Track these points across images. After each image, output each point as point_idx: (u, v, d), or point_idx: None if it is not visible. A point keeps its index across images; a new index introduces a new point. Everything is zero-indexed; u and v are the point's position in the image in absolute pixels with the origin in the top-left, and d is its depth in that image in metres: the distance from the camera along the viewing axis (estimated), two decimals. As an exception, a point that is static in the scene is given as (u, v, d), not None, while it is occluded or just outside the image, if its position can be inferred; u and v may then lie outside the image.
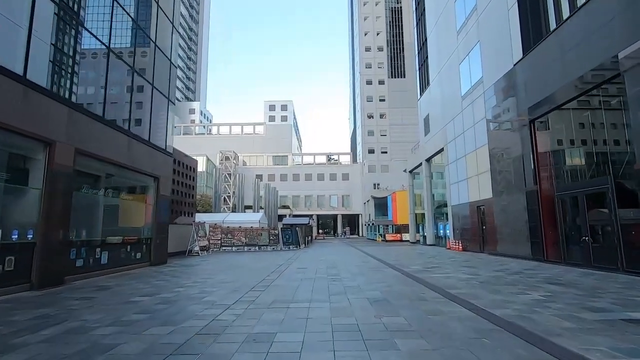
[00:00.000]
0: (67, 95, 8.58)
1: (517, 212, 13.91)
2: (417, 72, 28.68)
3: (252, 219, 24.82)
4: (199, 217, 24.25)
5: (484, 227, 17.09)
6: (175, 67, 14.98)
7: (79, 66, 9.28)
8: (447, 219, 23.74)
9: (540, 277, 8.67)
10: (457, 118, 20.01)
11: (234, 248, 22.18)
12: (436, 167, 25.61)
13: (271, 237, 23.40)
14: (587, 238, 10.32)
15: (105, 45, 10.24)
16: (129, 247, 11.41)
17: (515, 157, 13.96)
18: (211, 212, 32.29)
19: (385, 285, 7.72)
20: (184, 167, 18.86)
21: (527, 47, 13.30)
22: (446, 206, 25.00)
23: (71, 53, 8.96)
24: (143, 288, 7.75)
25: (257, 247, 22.68)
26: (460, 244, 19.30)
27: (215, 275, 9.96)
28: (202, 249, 18.62)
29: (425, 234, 27.16)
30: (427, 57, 25.86)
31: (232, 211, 46.77)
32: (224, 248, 21.90)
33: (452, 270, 10.28)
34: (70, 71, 8.89)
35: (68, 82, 8.78)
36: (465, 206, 19.09)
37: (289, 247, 23.98)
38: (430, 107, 25.32)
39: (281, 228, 24.14)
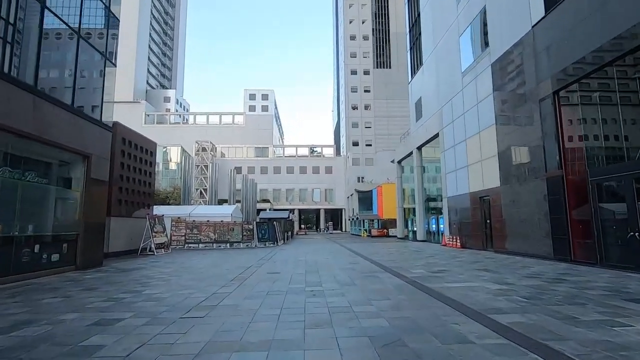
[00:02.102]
0: None
1: (533, 203, 11.67)
2: (408, 52, 26.29)
3: (224, 212, 21.90)
4: (161, 209, 21.13)
5: (489, 221, 14.87)
6: (117, 19, 11.87)
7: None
8: (439, 213, 21.57)
9: (596, 287, 6.33)
10: (457, 98, 17.68)
11: (200, 245, 19.25)
12: (427, 157, 23.36)
13: (245, 233, 20.58)
14: (637, 234, 8.10)
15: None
16: (37, 246, 8.42)
17: (533, 137, 11.69)
18: (180, 205, 29.06)
19: (390, 306, 5.16)
20: (138, 149, 15.76)
21: (550, 4, 10.96)
22: (437, 199, 22.89)
23: None
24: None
25: (227, 244, 19.82)
26: (458, 240, 17.08)
27: (148, 286, 7.16)
28: (159, 246, 15.64)
29: (415, 229, 24.99)
30: (419, 34, 23.46)
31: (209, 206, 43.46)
32: (190, 245, 18.96)
33: (468, 277, 7.85)
34: None
35: None
36: (464, 197, 16.85)
37: (265, 244, 21.24)
38: (423, 89, 22.98)
39: (256, 223, 21.36)
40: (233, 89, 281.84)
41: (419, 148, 23.68)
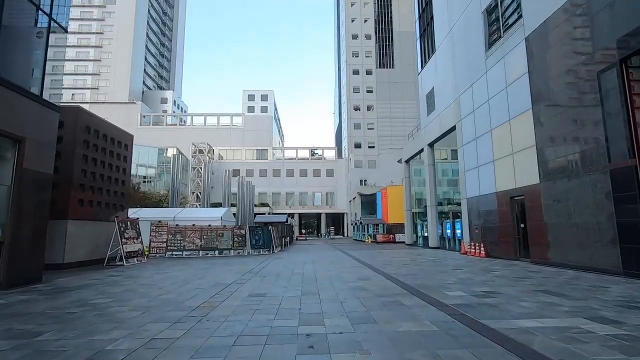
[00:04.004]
0: None
1: (590, 202, 9.26)
2: (418, 41, 24.02)
3: (213, 215, 19.51)
4: (143, 212, 18.76)
5: (522, 226, 12.45)
6: (71, -26, 9.61)
7: None
8: (454, 216, 19.17)
9: None
10: (479, 84, 15.35)
11: (185, 253, 16.84)
12: (437, 156, 21.03)
13: (236, 239, 18.15)
14: None
15: None
16: None
17: (589, 120, 9.32)
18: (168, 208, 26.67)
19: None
20: (108, 141, 13.43)
21: (612, -50, 8.65)
22: (451, 202, 20.49)
23: None
24: None
25: (216, 252, 17.40)
26: (481, 248, 14.64)
27: (63, 321, 4.78)
28: (131, 255, 13.24)
29: (426, 234, 22.54)
30: (431, 18, 21.21)
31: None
32: (174, 253, 16.55)
33: (536, 305, 5.43)
34: None
35: None
36: (489, 198, 14.44)
37: (259, 251, 18.82)
38: (436, 78, 20.66)
39: (249, 227, 18.95)
40: (232, 94, 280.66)
41: (431, 145, 21.32)
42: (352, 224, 51.17)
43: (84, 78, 67.40)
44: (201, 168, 54.64)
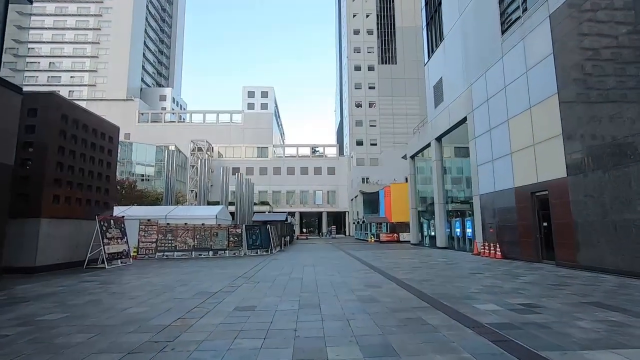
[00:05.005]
0: None
1: (635, 198, 8.05)
2: (424, 29, 22.76)
3: (207, 213, 18.33)
4: (133, 210, 17.61)
5: (546, 224, 11.25)
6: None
7: None
8: (463, 215, 18.00)
9: None
10: (493, 70, 14.13)
11: (176, 254, 15.69)
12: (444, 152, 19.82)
13: (231, 238, 16.99)
14: None
15: None
16: None
17: (630, 100, 8.10)
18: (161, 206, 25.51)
19: None
20: (89, 132, 12.25)
21: None
22: (456, 201, 19.32)
23: None
24: None
25: (209, 252, 16.24)
26: (497, 249, 13.45)
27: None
28: (114, 257, 12.08)
29: (433, 233, 21.34)
30: (439, 3, 19.95)
31: (200, 207, 39.85)
32: (165, 254, 15.40)
33: (603, 327, 4.23)
34: None
35: None
36: (506, 194, 13.23)
37: (257, 252, 17.65)
38: (445, 68, 19.43)
39: (246, 226, 17.77)
40: (232, 92, 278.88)
41: (439, 139, 20.10)
42: (354, 223, 50.00)
43: (81, 75, 66.27)
44: (199, 165, 53.55)
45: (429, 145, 21.34)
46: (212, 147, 60.88)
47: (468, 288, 6.94)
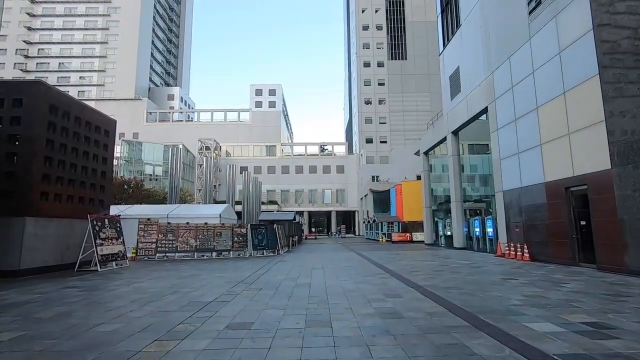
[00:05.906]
0: None
1: (700, 191, 6.81)
2: (439, 17, 21.51)
3: (211, 212, 17.43)
4: (134, 209, 16.82)
5: (584, 223, 10.01)
6: None
7: None
8: (482, 213, 16.78)
9: None
10: (519, 54, 12.88)
11: (177, 255, 14.82)
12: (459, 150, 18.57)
13: (236, 239, 16.06)
14: None
15: None
16: None
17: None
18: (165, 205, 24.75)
19: None
20: (82, 125, 11.41)
21: None
22: (474, 199, 18.10)
23: None
24: None
25: (212, 254, 15.33)
26: (525, 250, 12.22)
27: None
28: (109, 258, 11.24)
29: (449, 233, 20.13)
30: (456, -13, 18.71)
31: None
32: (166, 255, 14.55)
33: None
34: None
35: None
36: (534, 190, 12.00)
37: (263, 253, 16.70)
38: (462, 56, 18.17)
39: (251, 226, 16.82)
40: (239, 91, 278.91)
41: (456, 132, 18.86)
42: (364, 222, 48.82)
43: (90, 75, 66.41)
44: (205, 163, 52.99)
45: (444, 139, 20.11)
46: (220, 146, 60.34)
47: (507, 299, 5.82)
